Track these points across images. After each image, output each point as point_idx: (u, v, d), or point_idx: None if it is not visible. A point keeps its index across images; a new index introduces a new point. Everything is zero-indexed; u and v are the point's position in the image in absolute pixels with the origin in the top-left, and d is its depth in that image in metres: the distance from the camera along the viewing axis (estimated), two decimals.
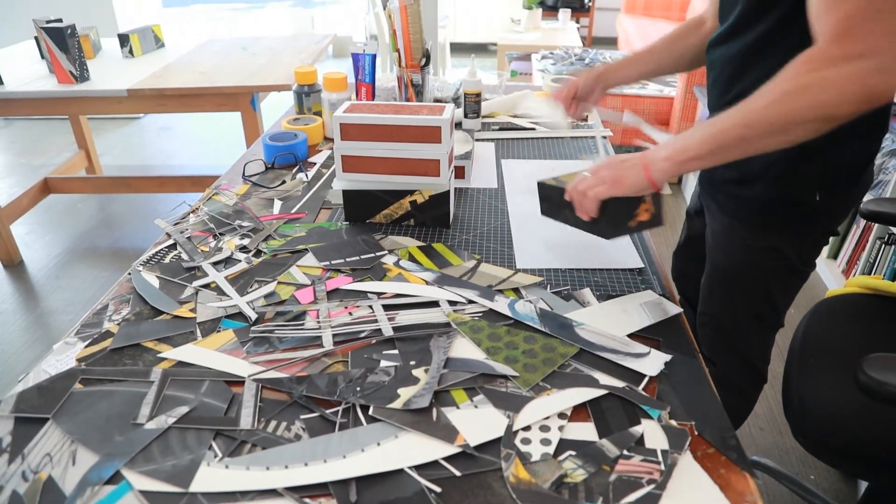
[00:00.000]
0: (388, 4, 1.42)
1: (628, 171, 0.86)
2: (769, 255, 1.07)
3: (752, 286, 1.13)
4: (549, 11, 5.15)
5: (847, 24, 0.70)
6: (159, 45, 2.75)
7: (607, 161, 0.90)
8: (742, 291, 1.14)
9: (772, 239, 1.05)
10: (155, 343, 0.83)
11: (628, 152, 0.92)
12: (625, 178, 0.86)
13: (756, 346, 1.23)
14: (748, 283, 1.13)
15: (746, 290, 1.14)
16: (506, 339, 0.82)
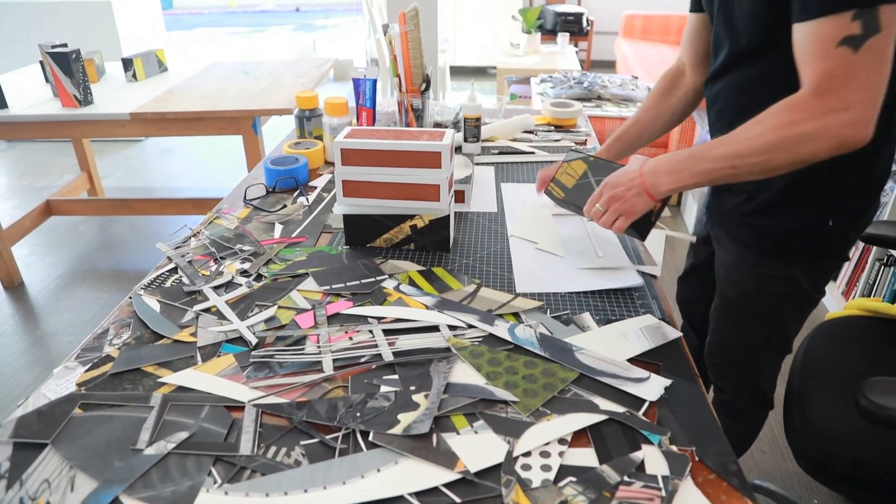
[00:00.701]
0: (388, 30, 1.44)
1: (636, 200, 0.96)
2: (781, 283, 1.08)
3: (763, 314, 1.13)
4: (547, 35, 5.21)
5: (828, 79, 0.78)
6: (162, 69, 2.78)
7: (612, 186, 0.98)
8: (753, 319, 1.15)
9: (784, 267, 1.06)
10: (155, 368, 0.84)
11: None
12: (636, 207, 0.96)
13: (765, 373, 1.23)
14: (759, 310, 1.13)
15: (757, 318, 1.14)
16: (506, 364, 0.83)
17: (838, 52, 0.77)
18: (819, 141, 0.80)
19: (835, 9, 0.77)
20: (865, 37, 0.76)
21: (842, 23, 0.77)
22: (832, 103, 0.78)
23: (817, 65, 0.79)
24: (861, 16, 0.76)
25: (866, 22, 0.76)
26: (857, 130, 0.78)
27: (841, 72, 0.77)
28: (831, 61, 0.78)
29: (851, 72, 0.77)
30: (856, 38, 0.76)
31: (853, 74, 0.77)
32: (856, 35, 0.76)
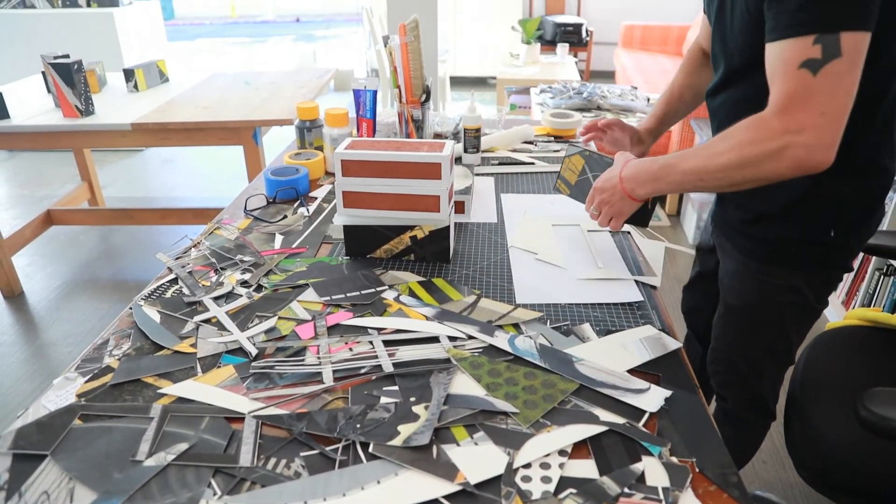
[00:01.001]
0: (388, 42, 1.45)
1: (621, 203, 1.04)
2: (784, 292, 1.09)
3: (767, 324, 1.15)
4: (547, 46, 5.24)
5: (788, 99, 0.81)
6: (164, 79, 2.80)
7: (599, 191, 1.07)
8: (757, 329, 1.16)
9: (788, 277, 1.08)
10: (155, 379, 0.84)
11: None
12: (623, 209, 1.05)
13: (767, 383, 1.23)
14: (763, 320, 1.15)
15: (761, 328, 1.16)
16: (506, 375, 0.83)
17: (799, 73, 0.80)
18: (777, 161, 0.82)
19: (798, 32, 0.80)
20: (825, 61, 0.78)
21: (804, 46, 0.80)
22: (790, 124, 0.81)
23: (780, 85, 0.83)
24: (822, 41, 0.78)
25: (826, 47, 0.78)
26: (813, 153, 0.80)
27: (799, 93, 0.80)
28: (792, 82, 0.81)
29: (808, 95, 0.80)
30: (815, 62, 0.79)
31: (810, 97, 0.80)
32: (815, 59, 0.79)
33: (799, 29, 0.80)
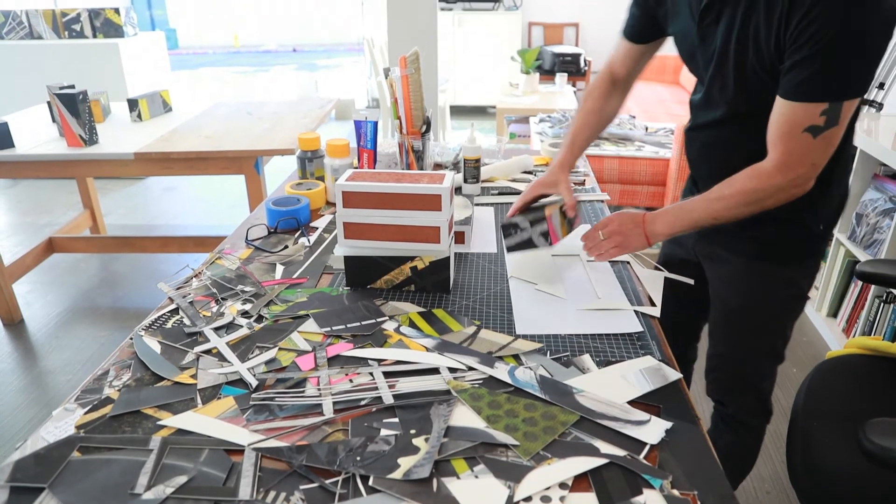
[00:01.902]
0: (389, 74, 1.48)
1: (633, 237, 1.12)
2: (785, 287, 1.20)
3: (770, 320, 1.23)
4: (546, 75, 5.31)
5: (789, 158, 0.97)
6: (167, 109, 2.83)
7: (617, 221, 1.13)
8: (761, 327, 1.24)
9: (786, 271, 1.18)
10: (155, 410, 0.83)
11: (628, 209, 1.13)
12: (630, 243, 1.12)
13: (768, 381, 1.30)
14: (767, 317, 1.23)
15: (765, 325, 1.24)
16: (506, 407, 0.83)
17: (802, 136, 0.94)
18: (777, 201, 1.02)
19: (810, 98, 0.92)
20: (825, 128, 0.93)
21: (812, 112, 0.92)
22: (789, 177, 0.98)
23: (784, 144, 0.97)
24: (828, 111, 0.91)
25: (829, 116, 0.92)
26: (801, 191, 1.01)
27: (799, 153, 0.96)
28: (794, 144, 0.96)
29: (807, 153, 0.96)
30: (817, 129, 0.93)
31: (807, 155, 0.96)
32: (818, 126, 0.93)
33: (811, 96, 0.91)
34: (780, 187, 0.99)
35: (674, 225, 1.09)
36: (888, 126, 2.37)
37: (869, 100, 2.73)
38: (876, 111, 2.70)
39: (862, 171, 2.33)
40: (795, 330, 1.30)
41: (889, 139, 2.19)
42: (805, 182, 0.99)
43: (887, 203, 2.17)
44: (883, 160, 2.14)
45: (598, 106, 1.31)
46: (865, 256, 2.22)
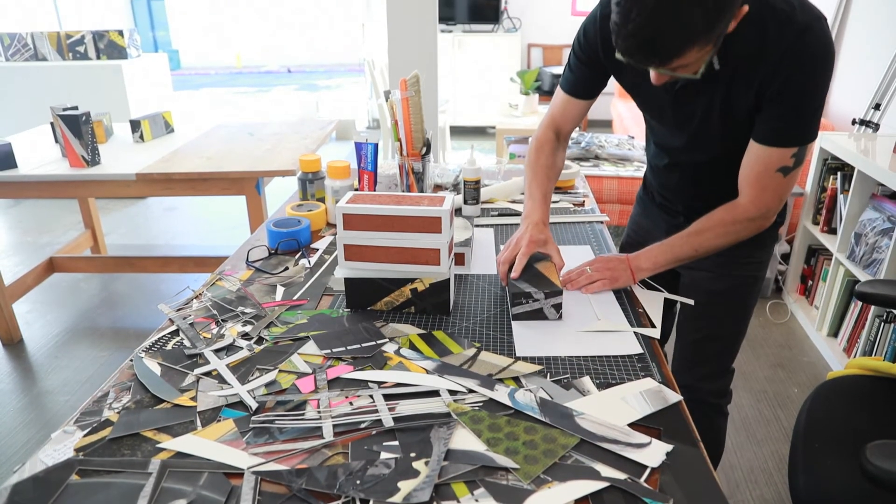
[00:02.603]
0: (390, 96, 1.49)
1: (620, 273, 1.20)
2: (757, 269, 1.34)
3: (748, 298, 1.37)
4: (545, 96, 5.35)
5: (763, 195, 1.12)
6: (169, 130, 2.85)
7: (604, 259, 1.22)
8: (741, 308, 1.37)
9: (757, 254, 1.32)
10: (154, 433, 0.83)
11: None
12: (618, 279, 1.20)
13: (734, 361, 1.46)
14: (746, 297, 1.36)
15: (744, 305, 1.37)
16: (506, 430, 0.82)
17: (775, 175, 1.08)
18: (748, 233, 1.17)
19: (785, 143, 1.06)
20: (793, 168, 1.07)
21: (784, 155, 1.06)
22: (762, 211, 1.13)
23: (757, 182, 1.11)
24: (797, 154, 1.06)
25: (798, 158, 1.06)
26: (768, 222, 1.17)
27: (772, 190, 1.10)
28: (769, 181, 1.09)
29: (779, 191, 1.11)
30: (787, 169, 1.07)
31: (779, 192, 1.11)
32: (788, 167, 1.07)
33: (786, 141, 1.05)
34: (753, 219, 1.14)
35: (657, 260, 1.20)
36: (884, 146, 2.38)
37: (866, 120, 2.75)
38: (873, 131, 2.72)
39: (860, 191, 2.34)
40: (796, 350, 1.34)
41: (886, 159, 2.21)
42: (773, 214, 1.15)
43: (885, 223, 2.17)
44: (880, 180, 2.16)
45: (551, 161, 1.35)
46: (865, 276, 2.23)
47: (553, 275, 1.15)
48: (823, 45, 0.99)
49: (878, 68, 2.81)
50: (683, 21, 0.86)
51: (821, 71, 1.01)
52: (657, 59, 0.93)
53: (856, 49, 3.18)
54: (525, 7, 5.99)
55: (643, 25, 0.87)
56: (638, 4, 0.87)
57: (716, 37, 0.92)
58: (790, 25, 0.98)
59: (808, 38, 0.98)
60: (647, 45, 0.90)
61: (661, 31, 0.87)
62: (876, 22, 3.01)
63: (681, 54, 0.91)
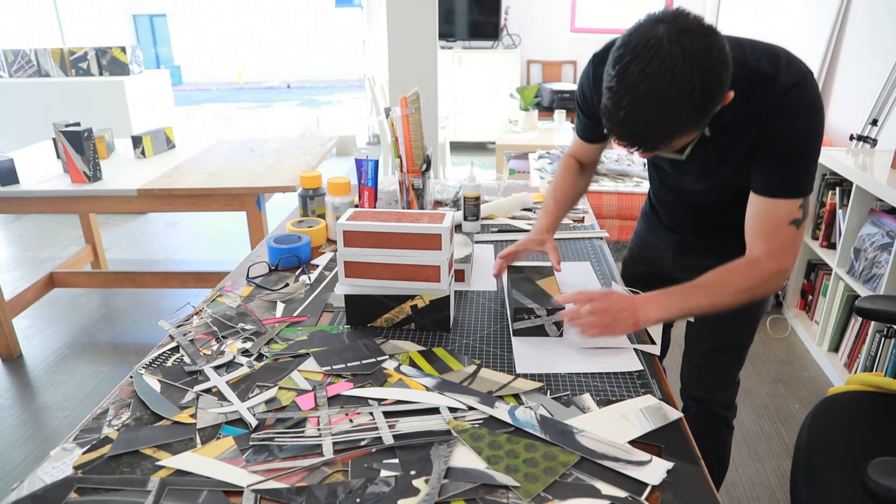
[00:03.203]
0: (390, 113, 1.50)
1: (620, 320, 1.03)
2: None
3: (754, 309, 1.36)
4: (545, 112, 5.38)
5: (780, 248, 1.07)
6: (170, 146, 2.86)
7: (607, 301, 1.05)
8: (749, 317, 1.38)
9: None
10: (154, 450, 0.83)
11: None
12: (615, 327, 1.04)
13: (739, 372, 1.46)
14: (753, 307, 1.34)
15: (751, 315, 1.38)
16: (507, 448, 0.82)
17: (789, 228, 1.06)
18: (765, 291, 1.09)
19: (790, 195, 1.05)
20: (803, 220, 1.07)
21: (794, 207, 1.05)
22: (780, 266, 1.07)
23: (773, 236, 1.07)
24: (804, 204, 1.06)
25: (805, 209, 1.06)
26: (783, 280, 1.10)
27: (788, 244, 1.07)
28: (785, 235, 1.06)
29: (793, 245, 1.08)
30: (798, 221, 1.06)
31: (793, 246, 1.08)
32: (799, 219, 1.06)
33: (791, 192, 1.05)
34: (773, 275, 1.07)
35: (670, 310, 1.06)
36: (882, 162, 2.39)
37: (863, 136, 2.76)
38: (870, 147, 2.73)
39: (858, 206, 2.35)
40: (797, 365, 1.34)
41: (884, 175, 2.22)
42: (789, 270, 1.10)
43: (885, 238, 2.18)
44: (879, 195, 2.16)
45: (572, 181, 1.38)
46: (865, 291, 2.23)
47: (555, 291, 1.15)
48: (810, 101, 1.02)
49: (875, 84, 2.83)
50: (673, 116, 0.89)
51: (811, 123, 1.03)
52: (644, 147, 0.96)
53: (853, 65, 3.21)
54: (524, 24, 6.04)
55: (633, 116, 0.90)
56: (629, 94, 0.88)
57: (705, 124, 0.95)
58: (775, 87, 1.01)
59: (794, 94, 1.01)
60: (636, 134, 0.93)
61: (650, 123, 0.90)
62: (872, 38, 3.03)
63: (667, 143, 0.95)
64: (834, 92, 3.42)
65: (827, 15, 3.41)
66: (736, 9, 5.31)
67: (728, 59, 0.91)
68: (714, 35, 0.90)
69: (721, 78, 0.90)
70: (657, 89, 0.86)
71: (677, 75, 0.85)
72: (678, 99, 0.87)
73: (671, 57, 0.85)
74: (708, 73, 0.87)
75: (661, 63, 0.86)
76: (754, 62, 1.02)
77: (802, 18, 3.80)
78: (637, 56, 0.87)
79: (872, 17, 3.06)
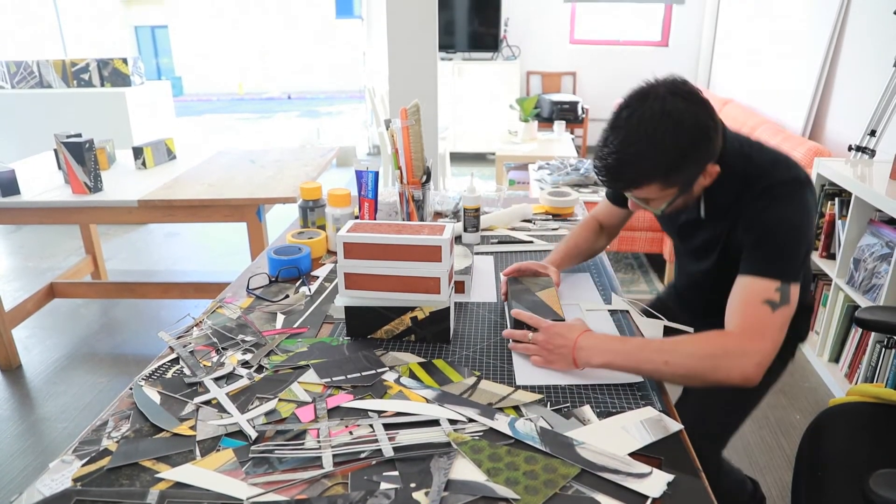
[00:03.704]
0: (390, 125, 1.51)
1: (559, 358, 1.04)
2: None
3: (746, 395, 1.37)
4: (544, 123, 5.40)
5: (751, 323, 1.01)
6: (171, 157, 2.87)
7: (548, 334, 1.05)
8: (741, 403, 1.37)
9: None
10: (153, 462, 0.83)
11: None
12: (553, 362, 1.04)
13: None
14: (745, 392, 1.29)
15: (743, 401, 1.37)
16: (507, 460, 0.82)
17: (762, 307, 1.02)
18: (728, 367, 0.98)
19: (764, 274, 1.04)
20: (780, 304, 1.02)
21: (767, 287, 1.02)
22: (750, 345, 0.99)
23: (746, 312, 1.03)
24: (781, 288, 1.02)
25: (783, 294, 1.02)
26: (760, 371, 0.98)
27: (762, 325, 1.01)
28: (756, 311, 1.02)
29: (769, 326, 1.01)
30: (774, 303, 1.02)
31: (769, 329, 1.01)
32: (775, 301, 1.02)
33: (765, 271, 1.04)
34: (740, 352, 0.98)
35: (614, 360, 1.00)
36: (881, 172, 2.40)
37: (861, 146, 2.77)
38: (869, 157, 2.74)
39: (857, 216, 2.35)
40: (797, 376, 1.33)
41: (882, 185, 2.22)
42: (760, 360, 0.98)
43: (884, 248, 2.18)
44: (878, 206, 2.17)
45: (586, 236, 1.45)
46: (865, 301, 2.23)
47: (555, 304, 1.16)
48: (796, 197, 1.07)
49: (873, 95, 2.85)
50: (643, 160, 1.03)
51: (792, 214, 1.06)
52: (621, 184, 1.09)
53: (851, 77, 3.23)
54: (524, 36, 6.07)
55: (611, 154, 1.04)
56: (614, 134, 1.04)
57: (678, 183, 1.06)
58: (765, 178, 1.09)
59: (782, 187, 1.08)
60: (612, 170, 1.06)
61: (624, 162, 1.04)
62: (869, 50, 3.05)
63: (639, 186, 1.07)
64: (832, 103, 3.44)
65: (824, 27, 3.43)
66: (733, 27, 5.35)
67: (709, 130, 1.03)
68: (701, 105, 1.03)
69: (695, 141, 1.02)
70: (635, 134, 1.02)
71: (657, 127, 1.00)
72: (650, 147, 1.01)
73: (653, 111, 1.01)
74: (682, 132, 1.01)
75: (643, 113, 1.02)
76: (754, 154, 1.12)
77: (800, 30, 3.83)
78: (628, 105, 1.04)
79: (869, 30, 3.08)
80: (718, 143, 1.08)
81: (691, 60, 6.03)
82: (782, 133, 3.51)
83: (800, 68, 3.77)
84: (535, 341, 1.06)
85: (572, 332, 1.04)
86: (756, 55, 4.72)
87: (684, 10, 5.89)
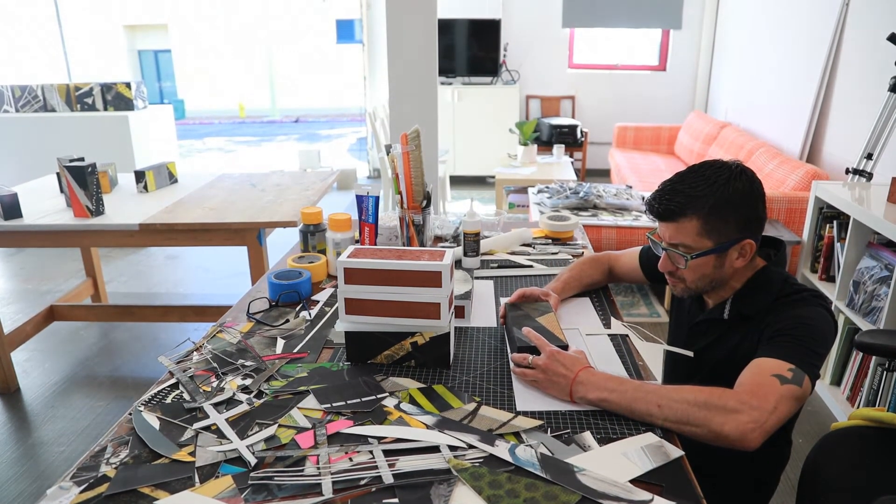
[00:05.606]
0: (391, 150, 1.52)
1: (555, 386, 1.04)
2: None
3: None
4: (544, 146, 5.43)
5: (756, 387, 1.00)
6: (173, 180, 2.89)
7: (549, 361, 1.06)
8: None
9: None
10: (152, 489, 0.83)
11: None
12: (550, 389, 1.05)
13: None
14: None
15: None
16: (507, 487, 0.82)
17: (770, 378, 1.02)
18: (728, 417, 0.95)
19: (784, 357, 1.05)
20: (790, 382, 1.01)
21: (781, 366, 1.03)
22: (751, 400, 0.97)
23: (751, 381, 1.03)
24: (795, 370, 1.03)
25: (795, 374, 1.02)
26: (758, 436, 0.95)
27: (765, 388, 1.00)
28: (764, 382, 1.02)
29: (771, 392, 0.99)
30: (784, 378, 1.02)
31: (771, 394, 0.99)
32: (785, 376, 1.02)
33: (780, 355, 1.05)
34: (736, 406, 0.96)
35: (609, 398, 1.00)
36: (878, 195, 2.42)
37: (859, 169, 2.79)
38: (866, 181, 2.76)
39: (856, 239, 2.36)
40: None
41: (880, 208, 2.23)
42: (758, 420, 0.95)
43: (883, 271, 2.19)
44: (876, 229, 2.18)
45: (594, 275, 1.50)
46: (865, 324, 2.23)
47: (557, 329, 1.16)
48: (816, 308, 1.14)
49: (869, 118, 2.87)
50: (694, 191, 1.15)
51: (811, 318, 1.12)
52: (667, 210, 1.16)
53: (847, 100, 3.26)
54: (523, 60, 6.14)
55: (669, 184, 1.18)
56: (678, 175, 1.19)
57: (715, 235, 1.15)
58: (795, 295, 1.17)
59: (803, 297, 1.16)
60: (664, 195, 1.17)
61: (677, 191, 1.16)
62: (865, 73, 3.09)
63: (683, 214, 1.15)
64: (829, 126, 3.47)
65: (821, 52, 3.47)
66: (730, 51, 5.41)
67: (759, 200, 1.16)
68: (759, 183, 1.18)
69: (745, 197, 1.14)
70: (695, 175, 1.16)
71: (715, 173, 1.15)
72: (704, 183, 1.14)
73: (715, 166, 1.16)
74: (736, 183, 1.13)
75: (707, 164, 1.18)
76: (791, 280, 1.22)
77: (797, 54, 3.88)
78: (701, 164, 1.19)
79: (865, 55, 3.11)
80: (761, 226, 1.18)
81: (689, 84, 6.09)
82: (780, 156, 3.54)
83: (797, 92, 3.81)
84: (535, 363, 1.07)
85: (575, 365, 1.05)
86: (753, 79, 4.77)
87: (682, 35, 5.97)
